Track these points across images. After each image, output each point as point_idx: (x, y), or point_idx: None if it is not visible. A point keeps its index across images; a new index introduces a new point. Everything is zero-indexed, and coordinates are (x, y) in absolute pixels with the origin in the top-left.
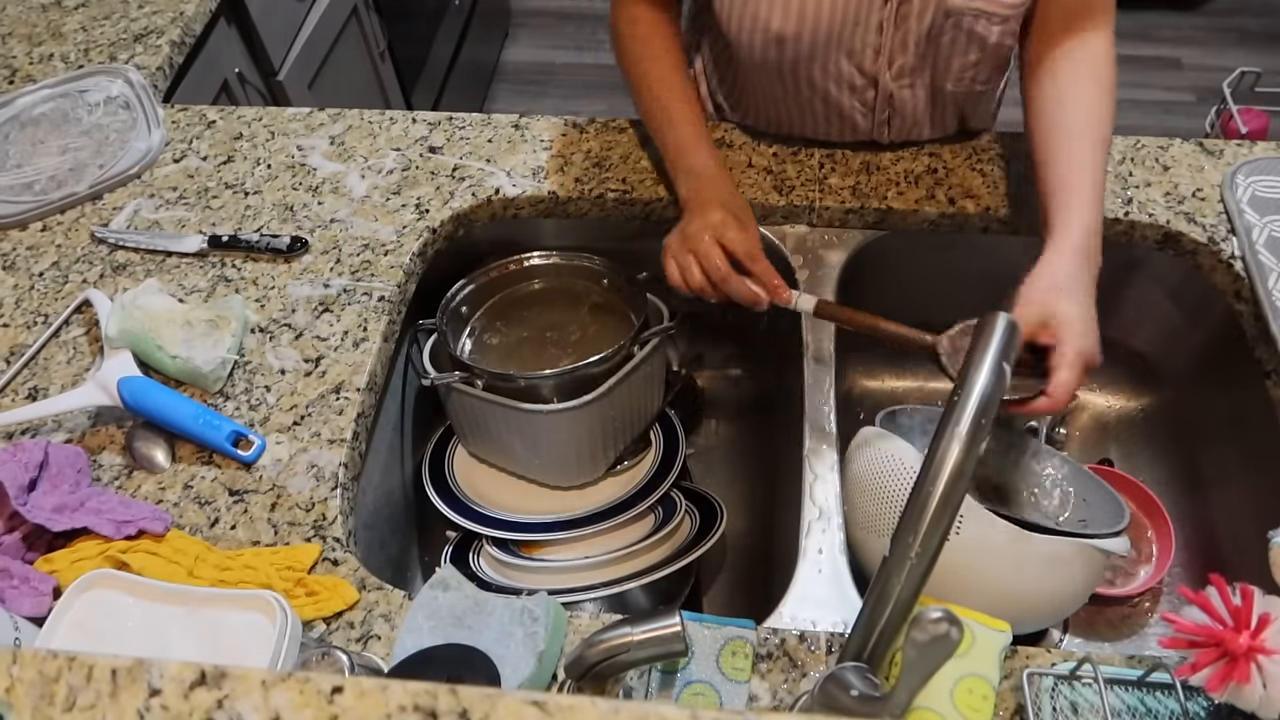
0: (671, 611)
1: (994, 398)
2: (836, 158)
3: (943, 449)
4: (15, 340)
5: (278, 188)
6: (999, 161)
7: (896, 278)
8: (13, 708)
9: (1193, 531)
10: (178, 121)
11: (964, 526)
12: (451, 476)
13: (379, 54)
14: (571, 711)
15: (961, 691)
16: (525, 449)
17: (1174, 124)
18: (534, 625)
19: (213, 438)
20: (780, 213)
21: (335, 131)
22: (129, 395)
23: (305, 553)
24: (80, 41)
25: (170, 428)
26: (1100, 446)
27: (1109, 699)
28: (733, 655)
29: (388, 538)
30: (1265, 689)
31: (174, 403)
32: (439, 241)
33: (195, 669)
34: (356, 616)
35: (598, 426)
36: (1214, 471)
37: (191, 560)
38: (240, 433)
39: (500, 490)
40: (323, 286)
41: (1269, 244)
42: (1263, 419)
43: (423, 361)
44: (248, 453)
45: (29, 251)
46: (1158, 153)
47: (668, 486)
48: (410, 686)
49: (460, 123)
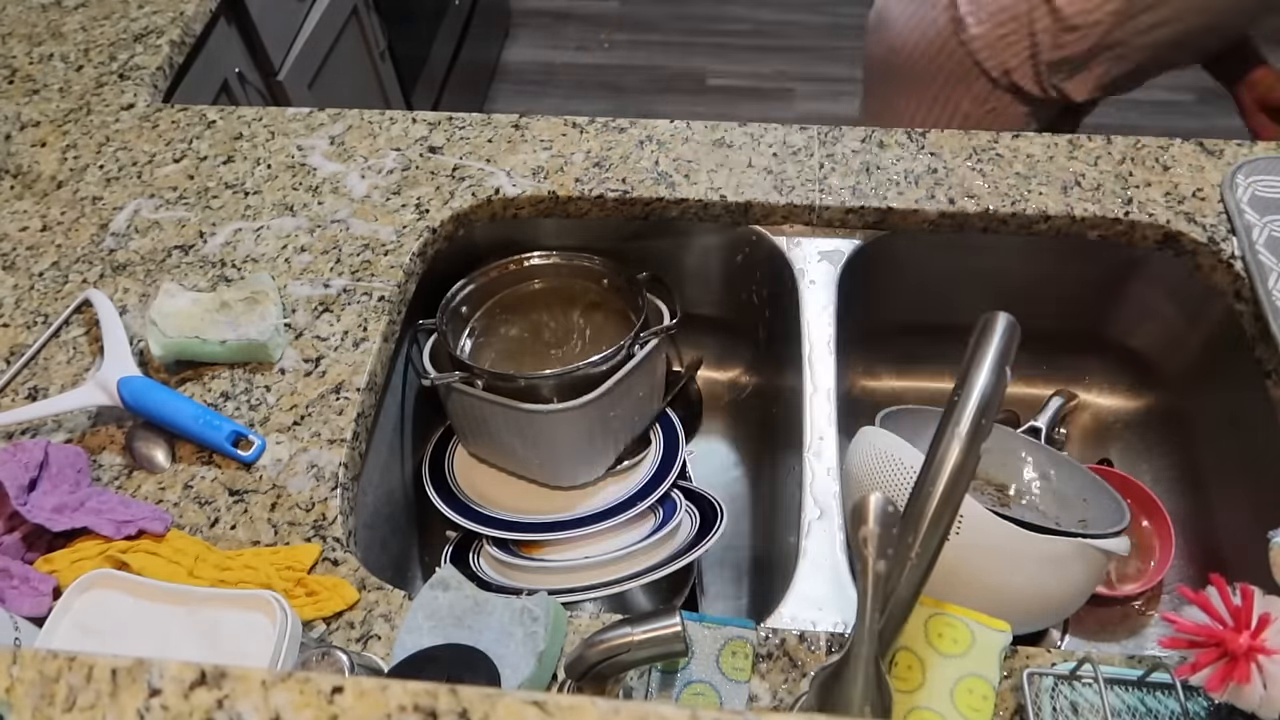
0: (671, 612)
1: (994, 398)
2: (836, 158)
3: (943, 449)
4: (15, 340)
5: (278, 188)
6: (999, 161)
7: (896, 278)
8: (13, 708)
9: (1193, 531)
10: (177, 121)
11: (964, 526)
12: (452, 476)
13: (379, 54)
14: (571, 711)
15: (961, 691)
16: (525, 449)
17: (1174, 124)
18: (534, 625)
19: (213, 438)
20: (780, 213)
21: (335, 131)
22: (129, 395)
23: (305, 553)
24: (80, 41)
25: (170, 428)
26: (1100, 446)
27: (1109, 699)
28: (733, 655)
29: (388, 538)
30: (1265, 689)
31: (174, 403)
32: (439, 241)
33: (195, 669)
34: (356, 616)
35: (598, 426)
36: (1214, 471)
37: (191, 560)
38: (240, 433)
39: (500, 490)
40: (323, 286)
41: (1269, 244)
42: (1263, 419)
43: (423, 361)
44: (248, 453)
45: (29, 251)
46: (1158, 153)
47: (667, 486)
48: (410, 686)
49: (460, 123)
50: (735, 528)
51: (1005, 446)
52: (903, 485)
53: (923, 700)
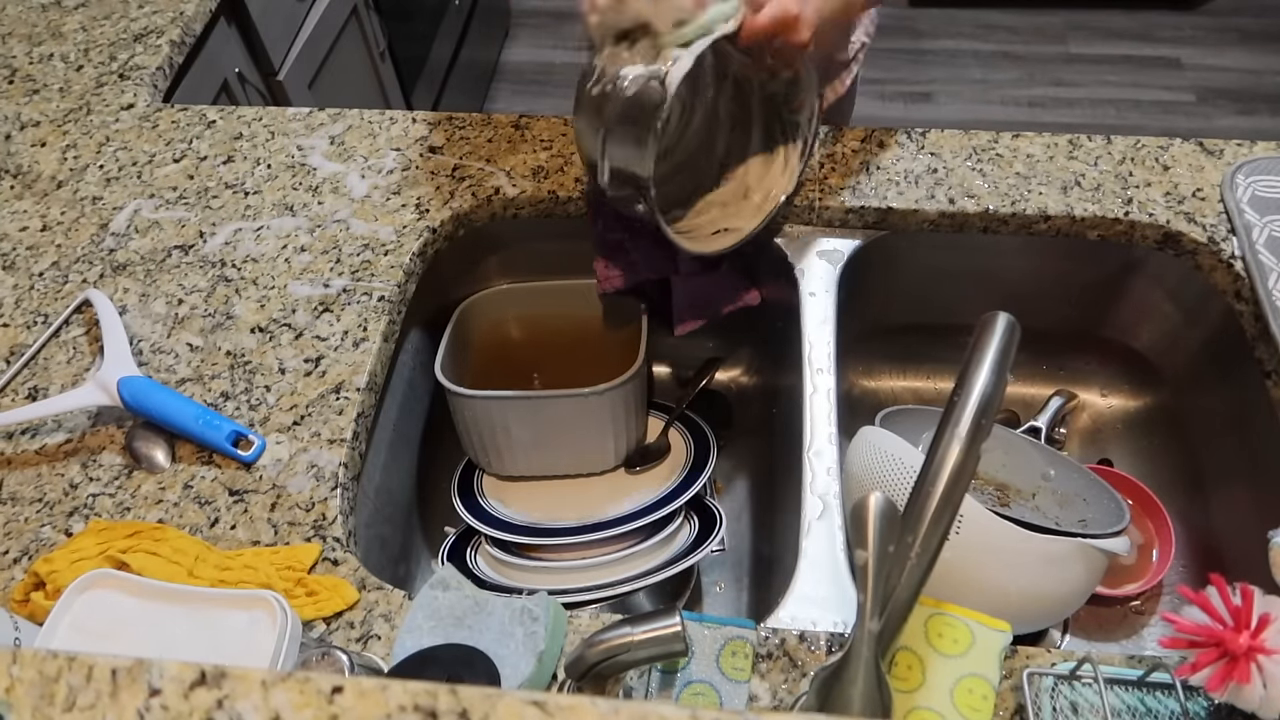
0: (671, 611)
1: (994, 398)
2: (836, 158)
3: (943, 449)
4: (15, 340)
5: (278, 188)
6: (999, 161)
7: (896, 278)
8: (13, 708)
9: (1193, 531)
10: (177, 121)
11: (964, 526)
12: (479, 486)
13: (379, 54)
14: (571, 711)
15: (961, 691)
16: (536, 438)
17: (1174, 124)
18: (534, 625)
19: (213, 438)
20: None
21: (335, 131)
22: (129, 395)
23: (305, 552)
24: (80, 41)
25: (170, 428)
26: (1100, 446)
27: (1109, 699)
28: (733, 655)
29: (388, 538)
30: (1265, 689)
31: (174, 403)
32: (439, 241)
33: (195, 669)
34: (356, 616)
35: (606, 412)
36: (1214, 471)
37: (191, 560)
38: (240, 433)
39: (519, 493)
40: (323, 286)
41: (1269, 244)
42: (1263, 419)
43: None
44: (248, 453)
45: (29, 251)
46: (1158, 153)
47: (683, 501)
48: (410, 686)
49: (460, 123)
50: (735, 527)
51: (1005, 446)
52: (903, 485)
53: (923, 700)
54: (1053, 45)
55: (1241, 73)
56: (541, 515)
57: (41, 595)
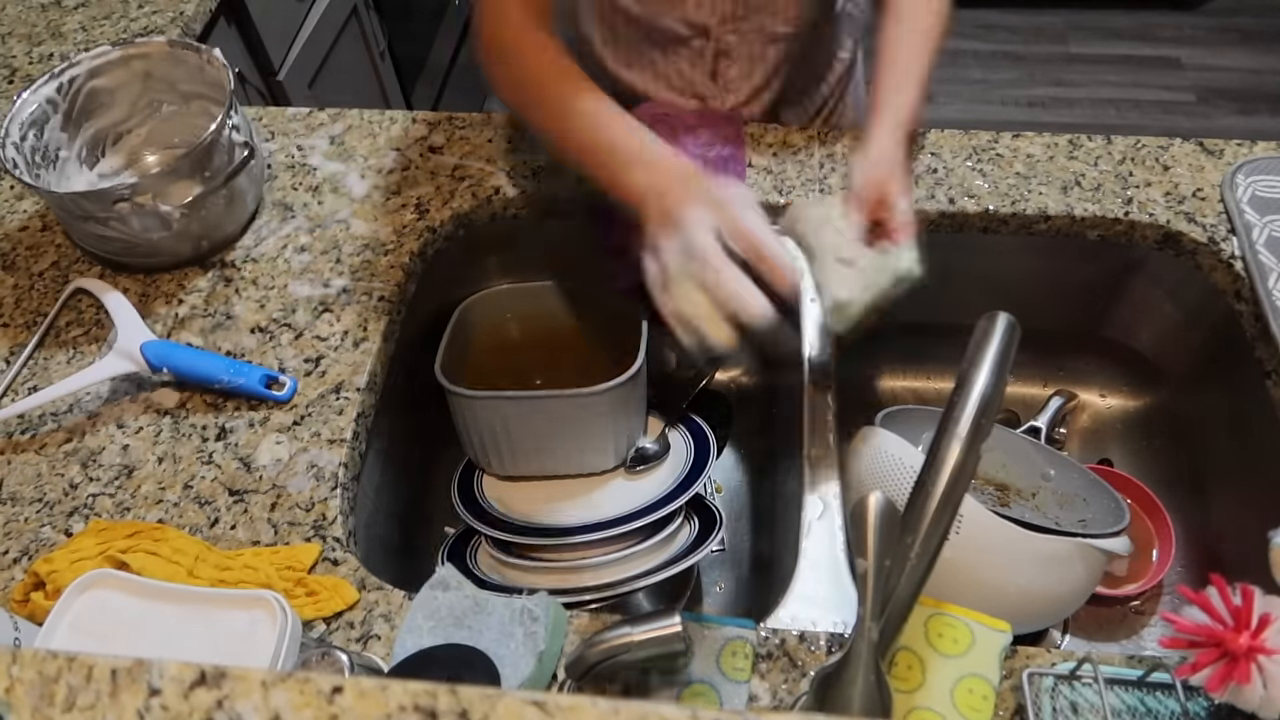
0: (671, 612)
1: (994, 398)
2: (836, 157)
3: (943, 449)
4: (15, 340)
5: (278, 188)
6: (999, 161)
7: None
8: (12, 708)
9: (1193, 531)
10: None
11: (964, 526)
12: (479, 486)
13: (379, 54)
14: (571, 711)
15: (961, 691)
16: (536, 438)
17: (1174, 124)
18: (534, 625)
19: (246, 384)
20: (780, 212)
21: (335, 131)
22: (154, 357)
23: (305, 552)
24: (80, 41)
25: (201, 381)
26: (1100, 446)
27: (1109, 699)
28: (733, 655)
29: (388, 538)
30: (1265, 689)
31: (202, 358)
32: (439, 241)
33: (195, 669)
34: (356, 616)
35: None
36: (1214, 471)
37: (191, 560)
38: (272, 376)
39: (518, 493)
40: (323, 286)
41: (1269, 244)
42: (1263, 419)
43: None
44: (281, 392)
45: (29, 252)
46: (1158, 152)
47: (680, 503)
48: (410, 686)
49: (460, 123)
50: (735, 527)
51: (1005, 446)
52: (903, 485)
53: (923, 700)
54: (1053, 45)
55: (1241, 73)
56: (541, 515)
57: (41, 595)
